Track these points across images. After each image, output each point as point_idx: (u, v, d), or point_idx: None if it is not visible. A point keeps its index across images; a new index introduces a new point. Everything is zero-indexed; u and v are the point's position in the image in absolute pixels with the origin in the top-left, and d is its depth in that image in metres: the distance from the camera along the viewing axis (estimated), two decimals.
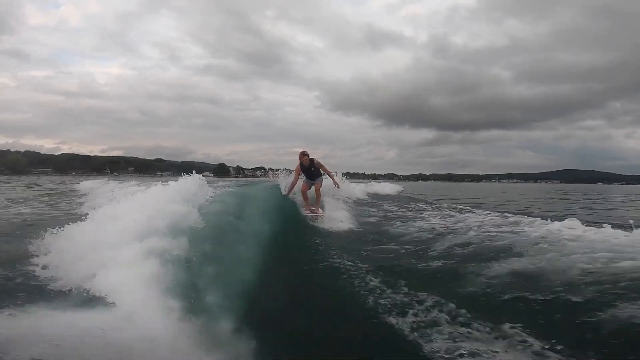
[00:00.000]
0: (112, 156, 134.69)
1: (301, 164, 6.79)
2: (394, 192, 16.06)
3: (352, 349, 2.41)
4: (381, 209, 9.63)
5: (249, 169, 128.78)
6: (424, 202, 11.62)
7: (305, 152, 6.83)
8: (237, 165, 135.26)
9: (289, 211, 6.58)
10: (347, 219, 6.82)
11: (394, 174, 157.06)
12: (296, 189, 7.00)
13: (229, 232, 4.02)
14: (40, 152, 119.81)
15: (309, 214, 6.60)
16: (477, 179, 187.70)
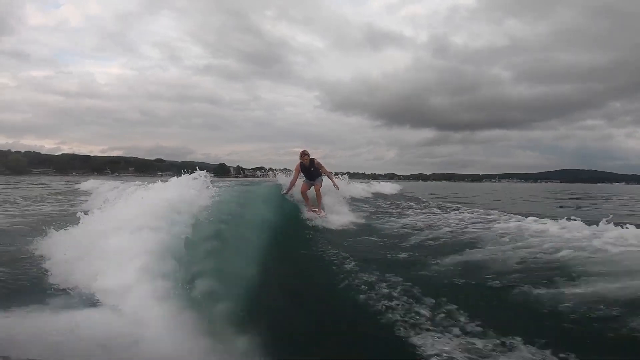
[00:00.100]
0: (112, 156, 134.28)
1: (301, 163, 6.77)
2: (394, 191, 16.32)
3: (353, 348, 2.44)
4: (380, 208, 9.89)
5: (249, 169, 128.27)
6: (420, 201, 12.42)
7: (305, 152, 6.82)
8: (238, 165, 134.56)
9: (289, 211, 6.62)
10: (347, 219, 6.89)
11: (394, 174, 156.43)
12: (295, 189, 6.98)
13: (229, 232, 4.04)
14: (40, 152, 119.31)
15: (311, 214, 6.57)
16: (477, 178, 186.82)
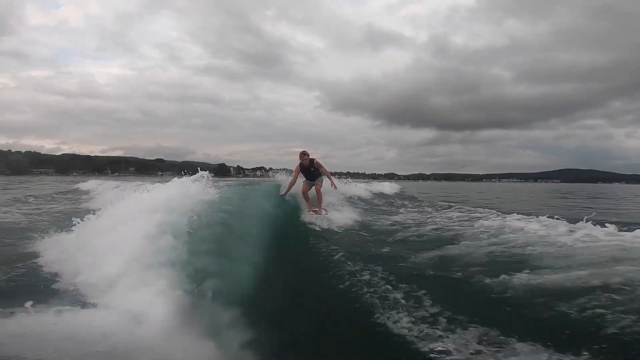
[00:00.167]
0: (113, 156, 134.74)
1: (301, 164, 6.70)
2: (392, 191, 16.42)
3: (353, 348, 2.44)
4: (375, 206, 9.94)
5: (250, 169, 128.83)
6: (415, 200, 12.91)
7: (305, 152, 6.74)
8: (238, 165, 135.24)
9: (289, 211, 6.61)
10: (346, 218, 6.91)
11: (394, 174, 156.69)
12: (295, 190, 6.90)
13: (229, 232, 4.04)
14: (40, 152, 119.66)
15: (312, 214, 6.50)
16: (478, 178, 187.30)
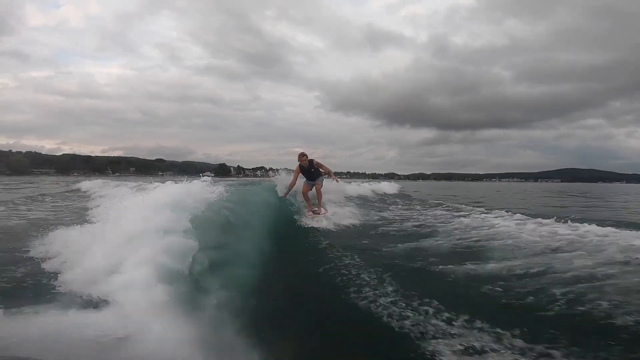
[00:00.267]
0: (113, 156, 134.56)
1: (300, 165, 6.69)
2: (390, 191, 16.92)
3: (353, 348, 2.45)
4: (378, 206, 10.08)
5: (250, 169, 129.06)
6: (408, 198, 13.47)
7: (303, 154, 6.73)
8: (238, 165, 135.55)
9: (289, 211, 6.64)
10: (346, 217, 6.97)
11: (394, 174, 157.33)
12: (296, 191, 6.93)
13: (228, 232, 4.05)
14: (41, 152, 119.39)
15: (311, 214, 6.54)
16: (478, 178, 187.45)
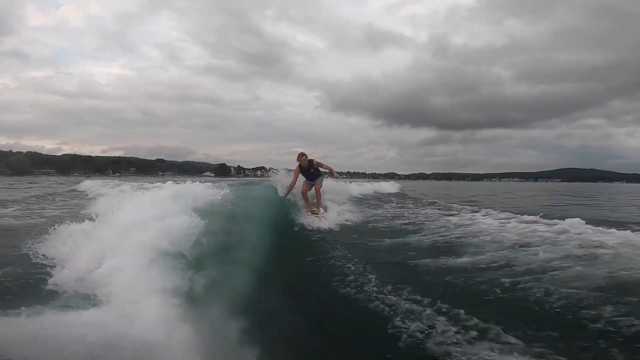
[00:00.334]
0: (113, 157, 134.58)
1: (300, 165, 6.67)
2: (388, 190, 17.06)
3: (353, 348, 2.46)
4: (377, 206, 10.05)
5: (250, 169, 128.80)
6: (404, 197, 13.83)
7: (303, 154, 6.70)
8: (238, 165, 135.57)
9: (288, 211, 6.64)
10: (344, 217, 6.99)
11: (394, 174, 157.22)
12: (296, 191, 6.93)
13: (228, 233, 4.04)
14: (41, 152, 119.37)
15: (309, 214, 6.56)
16: (478, 178, 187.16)
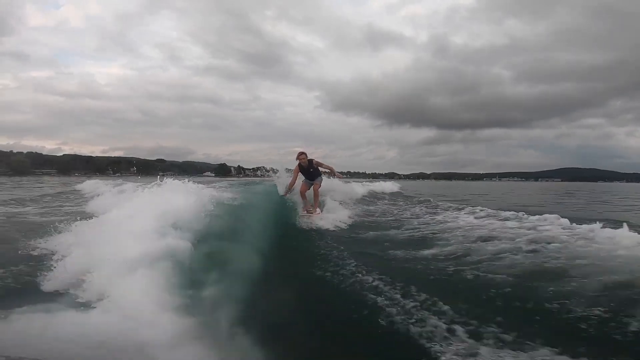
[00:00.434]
0: (114, 157, 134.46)
1: (300, 165, 6.70)
2: (387, 190, 17.20)
3: (352, 348, 2.46)
4: (376, 206, 10.21)
5: (250, 169, 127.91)
6: (398, 196, 14.40)
7: (303, 153, 6.73)
8: (238, 165, 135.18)
9: (287, 211, 6.70)
10: (341, 216, 7.02)
11: (394, 173, 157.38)
12: (295, 190, 6.95)
13: (228, 233, 4.07)
14: (41, 152, 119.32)
15: (305, 214, 6.58)
16: (478, 177, 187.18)
